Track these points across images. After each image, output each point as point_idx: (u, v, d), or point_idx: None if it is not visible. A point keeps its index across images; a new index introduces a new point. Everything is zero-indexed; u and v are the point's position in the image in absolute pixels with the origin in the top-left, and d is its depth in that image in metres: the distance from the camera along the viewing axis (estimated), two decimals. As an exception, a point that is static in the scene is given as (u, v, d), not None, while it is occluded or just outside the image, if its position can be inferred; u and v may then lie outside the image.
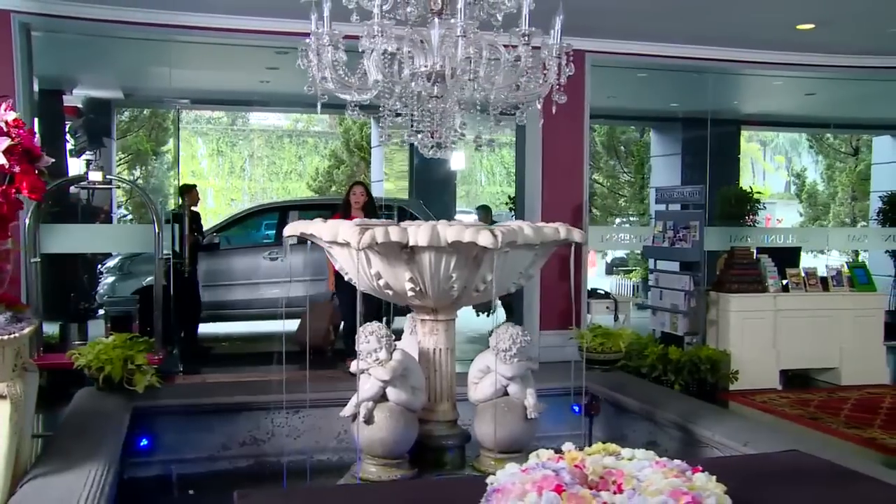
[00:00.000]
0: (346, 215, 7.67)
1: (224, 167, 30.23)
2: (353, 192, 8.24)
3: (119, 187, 9.63)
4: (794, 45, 8.73)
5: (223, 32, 7.99)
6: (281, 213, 10.74)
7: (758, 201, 11.60)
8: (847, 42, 8.65)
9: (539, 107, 4.04)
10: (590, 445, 5.66)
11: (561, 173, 8.75)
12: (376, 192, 13.83)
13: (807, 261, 12.74)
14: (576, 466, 2.21)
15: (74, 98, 11.40)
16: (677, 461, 2.23)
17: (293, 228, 3.72)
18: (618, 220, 17.65)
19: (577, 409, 5.56)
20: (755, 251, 7.98)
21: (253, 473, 4.81)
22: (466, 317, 10.16)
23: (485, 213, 11.92)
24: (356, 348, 3.62)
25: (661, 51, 8.80)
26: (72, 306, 8.60)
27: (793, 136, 26.88)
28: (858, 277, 8.02)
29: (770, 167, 30.36)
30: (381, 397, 3.63)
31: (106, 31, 7.92)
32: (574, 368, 5.85)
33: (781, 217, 26.00)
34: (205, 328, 9.48)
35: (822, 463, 2.63)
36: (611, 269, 19.44)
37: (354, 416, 3.63)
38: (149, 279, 8.26)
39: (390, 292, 3.61)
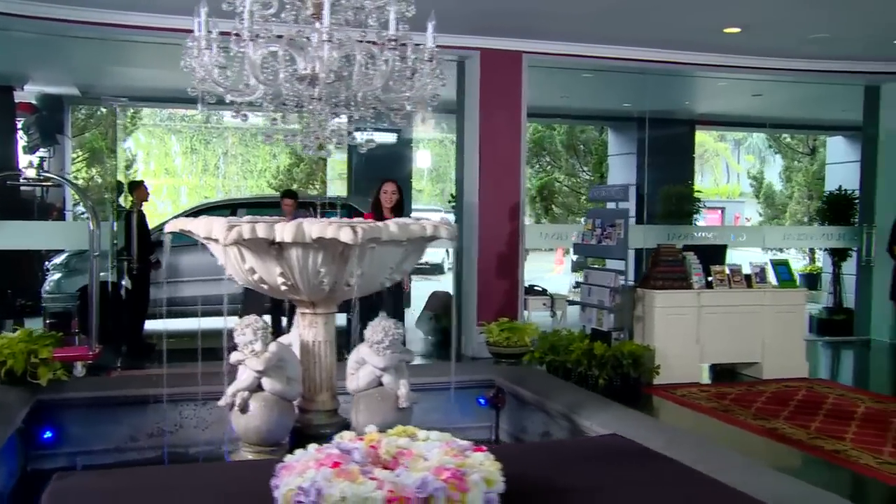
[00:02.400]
0: (378, 216, 7.24)
1: (198, 165, 30.27)
2: (384, 191, 7.60)
3: (57, 185, 9.72)
4: (723, 48, 8.95)
5: (173, 32, 8.12)
6: (231, 210, 10.87)
7: (698, 200, 11.81)
8: (772, 46, 8.88)
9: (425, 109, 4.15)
10: (496, 437, 5.87)
11: (498, 172, 8.94)
12: (329, 190, 14.02)
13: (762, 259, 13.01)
14: (371, 447, 2.39)
15: (28, 94, 11.47)
16: (465, 442, 2.41)
17: (174, 225, 3.88)
18: (581, 219, 17.90)
19: (482, 401, 5.75)
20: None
21: (160, 464, 4.95)
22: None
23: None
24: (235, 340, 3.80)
25: (597, 52, 9.00)
26: (9, 303, 8.71)
27: (764, 135, 27.24)
28: (781, 274, 8.24)
29: (739, 167, 30.65)
30: (258, 387, 3.80)
31: (58, 31, 8.04)
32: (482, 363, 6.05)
33: (750, 216, 26.31)
34: (157, 324, 9.58)
35: (634, 446, 2.81)
36: (577, 266, 19.70)
37: (232, 406, 3.79)
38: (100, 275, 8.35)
39: (265, 286, 3.77)
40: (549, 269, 17.97)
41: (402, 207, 7.68)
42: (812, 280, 16.63)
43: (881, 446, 5.72)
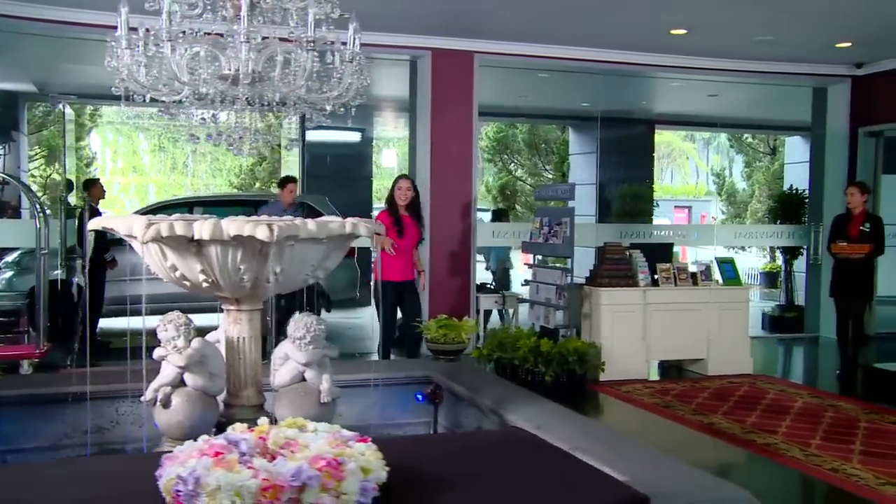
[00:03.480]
0: (395, 215, 7.32)
1: (166, 163, 30.14)
2: (398, 187, 7.40)
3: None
4: (671, 48, 9.08)
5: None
6: (189, 209, 10.87)
7: (652, 199, 11.94)
8: (719, 47, 9.03)
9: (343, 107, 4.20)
10: (435, 432, 5.91)
11: (450, 171, 9.02)
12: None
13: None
14: (260, 438, 2.45)
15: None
16: (350, 433, 2.48)
17: (96, 223, 3.91)
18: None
19: (420, 397, 5.81)
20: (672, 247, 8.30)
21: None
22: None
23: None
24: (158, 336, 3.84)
25: (547, 52, 9.11)
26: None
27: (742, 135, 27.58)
28: (726, 272, 8.39)
29: (706, 166, 30.97)
30: (180, 382, 3.84)
31: (11, 27, 8.01)
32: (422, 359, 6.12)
33: (716, 215, 26.61)
34: (117, 322, 9.55)
35: (530, 438, 2.89)
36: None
37: (155, 401, 3.83)
38: (52, 273, 8.32)
39: (188, 283, 3.81)
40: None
41: (418, 206, 7.46)
42: (772, 278, 16.90)
43: (810, 439, 5.86)
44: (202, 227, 3.55)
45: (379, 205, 16.72)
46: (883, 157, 10.37)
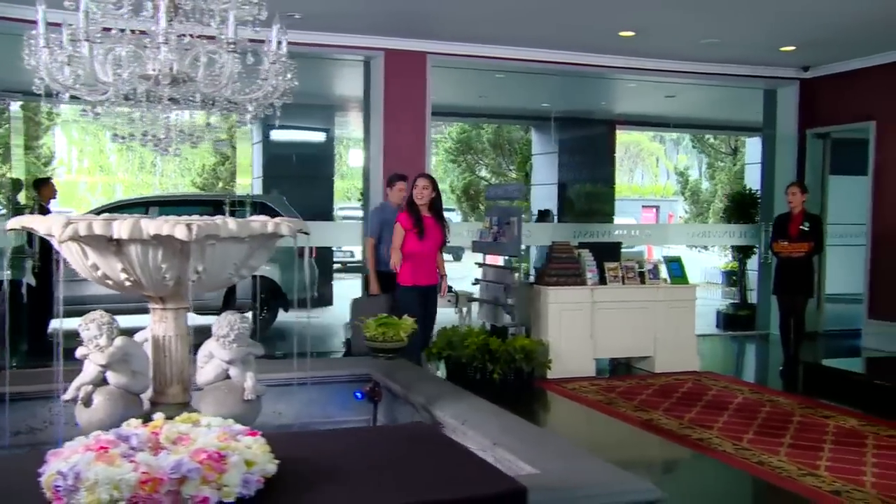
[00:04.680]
0: (415, 215, 6.98)
1: (134, 162, 29.93)
2: (416, 185, 7.12)
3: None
4: (621, 50, 9.20)
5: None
6: (146, 208, 10.85)
7: (613, 199, 12.07)
8: (668, 49, 9.16)
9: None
10: (374, 429, 5.90)
11: (403, 170, 9.03)
12: (255, 189, 14.01)
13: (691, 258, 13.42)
14: (153, 433, 2.50)
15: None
16: (240, 427, 2.53)
17: (16, 222, 3.93)
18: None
19: (359, 395, 5.87)
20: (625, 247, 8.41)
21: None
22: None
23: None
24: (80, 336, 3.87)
25: (499, 53, 9.20)
26: None
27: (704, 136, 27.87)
28: (673, 271, 8.51)
29: (672, 165, 31.24)
30: (103, 381, 3.88)
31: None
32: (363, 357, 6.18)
33: (682, 214, 26.88)
34: (69, 323, 9.51)
35: (431, 432, 2.96)
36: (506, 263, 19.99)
37: (76, 400, 3.87)
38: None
39: (110, 282, 3.85)
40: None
41: (440, 206, 7.13)
42: (732, 277, 17.11)
43: (743, 434, 5.99)
44: (121, 226, 3.58)
45: (344, 205, 16.79)
46: (830, 159, 10.57)
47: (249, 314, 9.77)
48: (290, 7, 7.56)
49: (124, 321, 4.24)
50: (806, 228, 7.98)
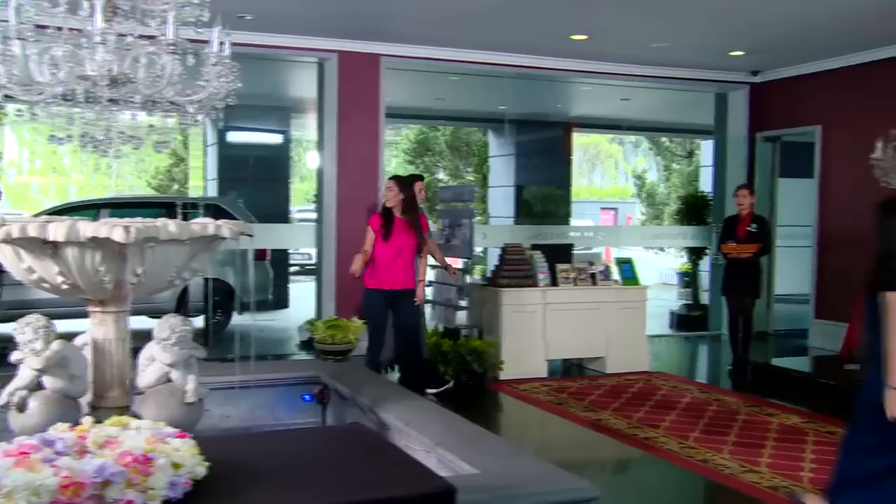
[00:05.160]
0: (385, 217, 6.89)
1: (88, 163, 29.46)
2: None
3: None
4: (573, 53, 9.29)
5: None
6: (97, 210, 10.71)
7: (569, 201, 12.17)
8: (620, 53, 9.26)
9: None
10: (324, 432, 5.88)
11: (357, 172, 9.07)
12: (210, 191, 13.90)
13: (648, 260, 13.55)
14: (79, 437, 2.48)
15: None
16: (170, 430, 2.52)
17: (-48, 225, 3.87)
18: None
19: (307, 397, 5.86)
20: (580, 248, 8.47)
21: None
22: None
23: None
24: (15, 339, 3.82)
25: (452, 56, 9.24)
26: None
27: (660, 138, 28.17)
28: (625, 272, 8.60)
29: (630, 168, 31.53)
30: (39, 386, 3.83)
31: None
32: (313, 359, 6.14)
33: (640, 217, 27.15)
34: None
35: (368, 434, 2.97)
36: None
37: (10, 405, 3.81)
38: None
39: (46, 286, 3.80)
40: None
41: (414, 209, 6.94)
42: (686, 278, 17.32)
43: (689, 433, 6.07)
44: (56, 228, 3.55)
45: (304, 207, 16.71)
46: (780, 162, 10.76)
47: (202, 317, 9.80)
48: (242, 8, 7.52)
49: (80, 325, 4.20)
50: (753, 230, 8.10)
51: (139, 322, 4.47)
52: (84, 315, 4.09)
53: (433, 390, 7.16)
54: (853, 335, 8.03)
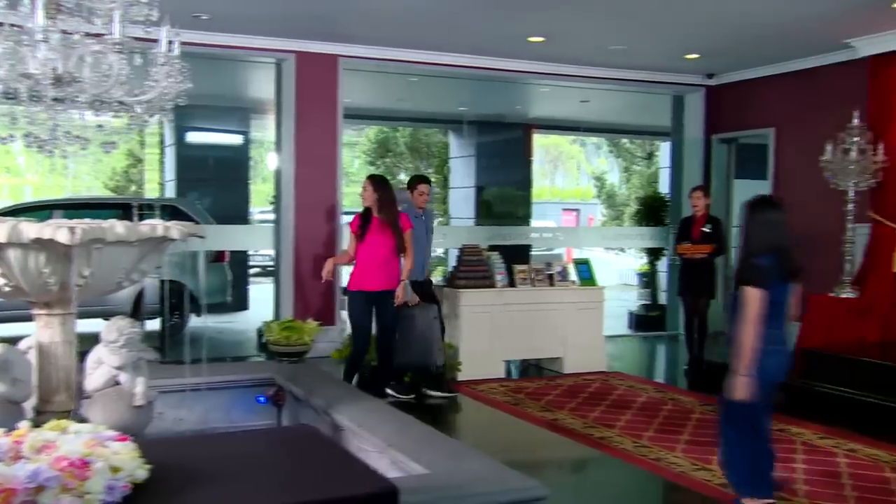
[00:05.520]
0: (364, 217, 6.83)
1: (44, 164, 28.99)
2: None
3: None
4: (531, 55, 9.33)
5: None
6: (50, 211, 10.54)
7: (530, 202, 12.27)
8: (577, 55, 9.32)
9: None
10: (279, 434, 5.81)
11: (315, 174, 9.02)
12: (168, 192, 13.77)
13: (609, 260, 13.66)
14: (15, 442, 2.44)
15: None
16: (110, 433, 2.49)
17: None
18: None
19: (261, 399, 5.82)
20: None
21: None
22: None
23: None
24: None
25: (410, 57, 9.23)
26: None
27: (621, 140, 28.37)
28: (582, 273, 8.65)
29: (592, 169, 31.73)
30: (-19, 391, 3.78)
31: None
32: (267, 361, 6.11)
33: (601, 218, 27.34)
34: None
35: (315, 434, 2.96)
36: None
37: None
38: None
39: (-12, 288, 3.74)
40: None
41: (387, 208, 6.79)
42: (645, 278, 17.49)
43: (644, 432, 6.13)
44: (-1, 229, 3.49)
45: (265, 208, 16.58)
46: (735, 163, 10.90)
47: (158, 320, 9.69)
48: (198, 7, 7.45)
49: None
50: (708, 231, 8.21)
51: (94, 325, 4.40)
52: (30, 318, 4.03)
53: (393, 392, 7.14)
54: (805, 333, 8.16)
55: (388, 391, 7.10)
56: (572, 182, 33.93)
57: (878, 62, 8.20)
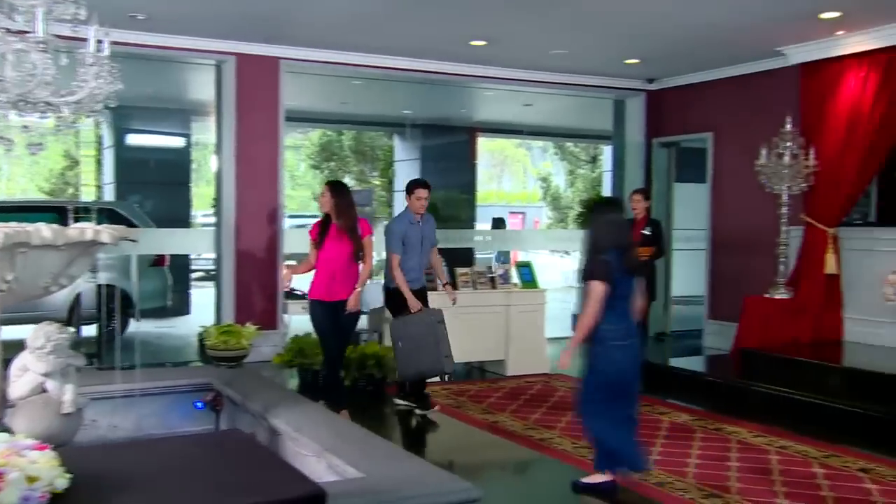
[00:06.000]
0: (323, 224, 6.53)
1: (-22, 165, 28.23)
2: (322, 193, 6.69)
3: None
4: (473, 58, 9.36)
5: None
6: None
7: (474, 205, 12.35)
8: (519, 59, 9.39)
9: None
10: (217, 440, 5.72)
11: (256, 177, 8.94)
12: (106, 195, 13.49)
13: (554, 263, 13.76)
14: (-71, 451, 2.36)
15: None
16: (28, 442, 2.43)
17: None
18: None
19: (199, 405, 5.74)
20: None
21: None
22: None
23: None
24: None
25: (351, 60, 9.20)
26: None
27: (565, 143, 28.61)
28: (524, 276, 8.71)
29: (537, 172, 31.96)
30: None
31: None
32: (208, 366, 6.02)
33: (547, 221, 27.55)
34: None
35: (244, 440, 2.93)
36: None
37: None
38: None
39: None
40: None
41: (351, 215, 6.42)
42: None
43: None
44: (-83, 233, 3.38)
45: (206, 212, 16.36)
46: (676, 167, 11.08)
47: (95, 325, 9.50)
48: (133, 7, 7.32)
49: None
50: (648, 233, 8.32)
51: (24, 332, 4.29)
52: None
53: (401, 402, 7.00)
54: (741, 334, 8.33)
55: (397, 400, 7.01)
56: (519, 185, 34.14)
57: (808, 70, 8.42)
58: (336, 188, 6.59)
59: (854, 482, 5.07)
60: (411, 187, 7.01)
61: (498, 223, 14.59)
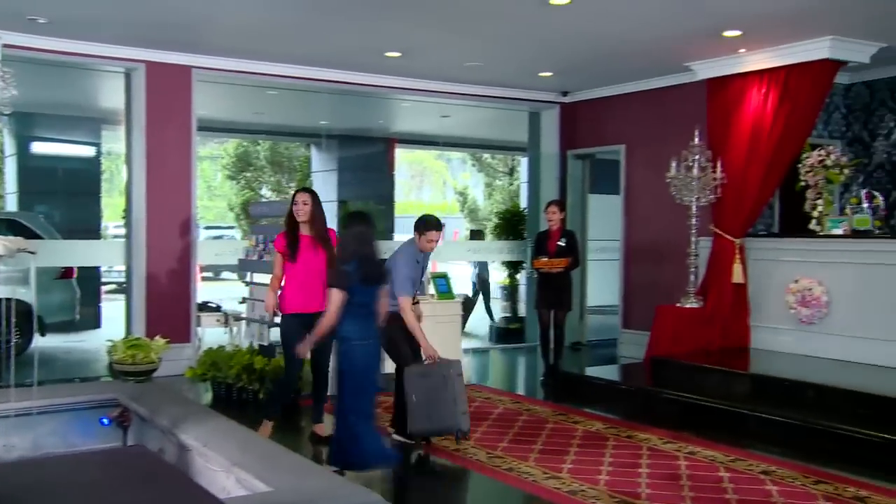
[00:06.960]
0: (291, 235, 6.19)
1: None
2: (295, 202, 6.24)
3: None
4: (388, 69, 9.36)
5: None
6: None
7: (393, 217, 12.32)
8: (434, 70, 9.43)
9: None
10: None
11: (167, 187, 8.75)
12: (9, 205, 13.01)
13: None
14: None
15: None
16: None
17: None
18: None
19: (105, 421, 5.57)
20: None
21: None
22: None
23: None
24: None
25: (269, 70, 9.11)
26: None
27: (483, 155, 28.83)
28: (440, 287, 8.71)
29: (456, 184, 32.14)
30: None
31: None
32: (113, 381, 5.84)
33: (466, 232, 27.69)
34: None
35: (149, 456, 2.84)
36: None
37: None
38: None
39: None
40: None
41: (323, 223, 6.29)
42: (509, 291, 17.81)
43: (499, 443, 6.21)
44: None
45: (118, 223, 15.93)
46: (590, 178, 11.28)
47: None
48: (32, 10, 7.07)
49: None
50: (563, 245, 8.43)
51: None
52: None
53: (400, 438, 6.39)
54: (653, 342, 8.51)
55: (395, 437, 6.47)
56: (438, 196, 34.28)
57: (714, 85, 8.68)
58: (315, 196, 6.30)
59: (757, 484, 5.22)
60: (423, 228, 6.14)
61: (475, 234, 14.78)
